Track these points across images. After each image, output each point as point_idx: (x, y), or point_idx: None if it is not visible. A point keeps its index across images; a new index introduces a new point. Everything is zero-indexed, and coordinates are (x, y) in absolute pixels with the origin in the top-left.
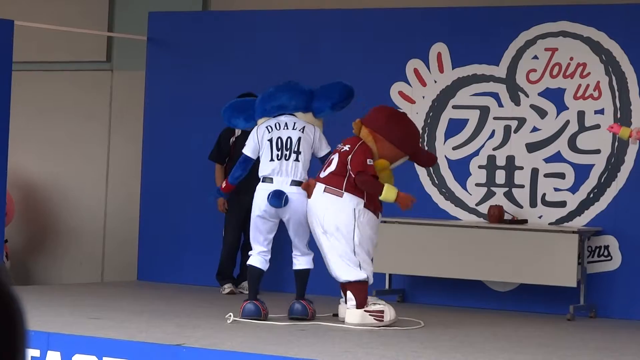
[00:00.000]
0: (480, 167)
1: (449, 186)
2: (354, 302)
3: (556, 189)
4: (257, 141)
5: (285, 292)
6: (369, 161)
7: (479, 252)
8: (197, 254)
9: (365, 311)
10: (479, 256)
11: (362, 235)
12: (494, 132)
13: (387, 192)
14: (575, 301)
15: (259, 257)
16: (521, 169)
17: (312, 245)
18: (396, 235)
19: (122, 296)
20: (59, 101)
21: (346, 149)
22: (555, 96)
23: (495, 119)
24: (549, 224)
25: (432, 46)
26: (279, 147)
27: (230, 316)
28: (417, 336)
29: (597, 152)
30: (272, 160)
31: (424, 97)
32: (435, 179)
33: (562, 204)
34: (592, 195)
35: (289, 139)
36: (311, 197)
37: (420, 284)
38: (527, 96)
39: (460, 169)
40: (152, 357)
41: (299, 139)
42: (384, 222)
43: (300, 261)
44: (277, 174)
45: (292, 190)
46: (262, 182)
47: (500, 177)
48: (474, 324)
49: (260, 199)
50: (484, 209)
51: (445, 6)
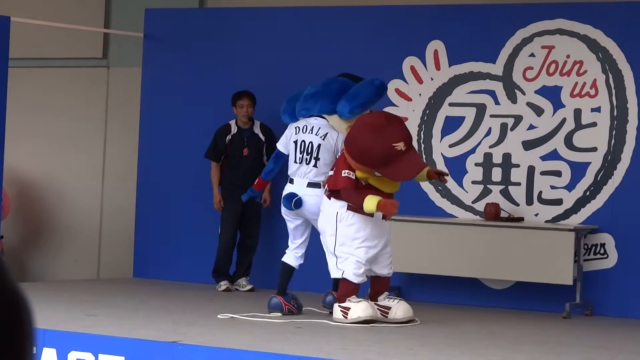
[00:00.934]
0: (476, 164)
1: (445, 184)
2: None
3: (552, 187)
4: (287, 139)
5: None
6: (344, 172)
7: (475, 250)
8: (193, 251)
9: (339, 306)
10: (475, 254)
11: (344, 236)
12: (490, 129)
13: (367, 204)
14: (571, 299)
15: (289, 254)
16: (517, 166)
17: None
18: (393, 233)
19: (118, 293)
20: (55, 98)
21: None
22: (551, 94)
23: (491, 116)
24: (545, 222)
25: (429, 43)
26: (302, 150)
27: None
28: (413, 333)
29: (594, 150)
30: (295, 162)
31: (420, 94)
32: None
33: (559, 202)
34: (588, 193)
35: (310, 144)
36: None
37: (416, 282)
38: (523, 94)
39: (456, 166)
40: (148, 354)
41: (319, 146)
42: None
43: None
44: (297, 175)
45: (307, 192)
46: (288, 182)
47: (496, 174)
48: (470, 322)
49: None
50: (480, 206)
51: (441, 4)
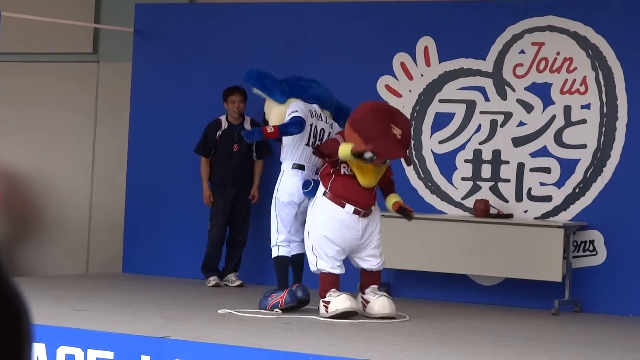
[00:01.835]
0: (466, 161)
1: (434, 180)
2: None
3: (542, 184)
4: (305, 117)
5: (266, 284)
6: (336, 137)
7: (464, 247)
8: (183, 246)
9: (322, 300)
10: (464, 250)
11: (315, 223)
12: (480, 126)
13: (342, 148)
14: (560, 296)
15: (284, 247)
16: (507, 163)
17: None
18: (381, 229)
19: (107, 288)
20: (45, 92)
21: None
22: (541, 91)
23: (481, 113)
24: (535, 219)
25: (419, 40)
26: (314, 135)
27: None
28: (402, 330)
29: (583, 146)
30: (307, 144)
31: (410, 90)
32: (421, 172)
33: (548, 199)
34: (577, 190)
35: (322, 130)
36: None
37: (405, 278)
38: (513, 90)
39: (446, 163)
40: (137, 349)
41: (329, 134)
42: None
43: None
44: (307, 161)
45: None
46: (293, 168)
47: (486, 171)
48: (459, 318)
49: (292, 185)
50: (469, 203)
51: (432, 0)
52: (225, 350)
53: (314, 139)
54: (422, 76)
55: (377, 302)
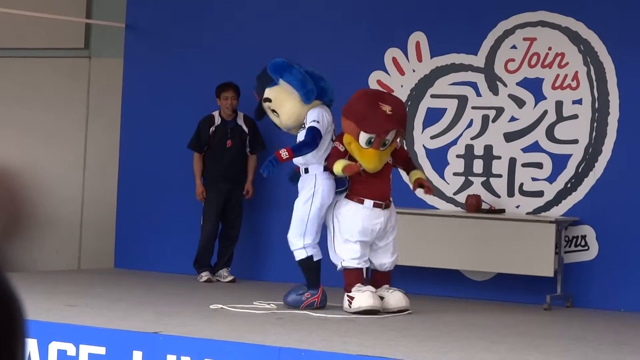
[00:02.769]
0: (458, 156)
1: (426, 175)
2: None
3: (534, 179)
4: (327, 124)
5: (259, 280)
6: (336, 144)
7: (456, 242)
8: (175, 242)
9: (347, 295)
10: (456, 246)
11: (337, 224)
12: (472, 121)
13: (336, 166)
14: (552, 291)
15: (311, 248)
16: (499, 158)
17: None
18: None
19: (99, 284)
20: (36, 88)
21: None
22: (533, 86)
23: (473, 108)
24: (527, 214)
25: (411, 35)
26: (331, 137)
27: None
28: (394, 325)
29: (575, 142)
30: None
31: (402, 86)
32: None
33: (540, 194)
34: (569, 185)
35: (334, 130)
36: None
37: (397, 273)
38: (505, 86)
39: (438, 158)
40: (130, 344)
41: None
42: None
43: None
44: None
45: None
46: (326, 171)
47: (478, 166)
48: (451, 313)
49: (330, 188)
50: (461, 198)
51: None
52: (217, 345)
53: (331, 140)
54: (413, 71)
55: (392, 297)
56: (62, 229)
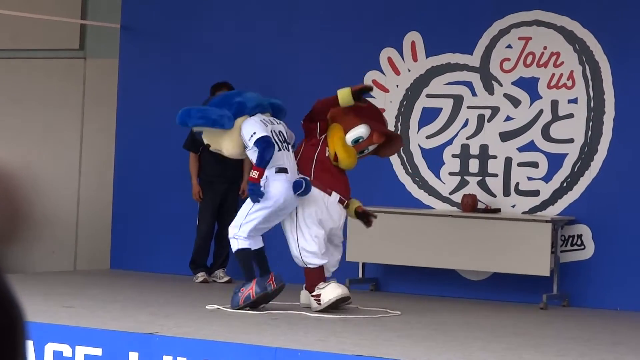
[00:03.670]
0: (453, 156)
1: (422, 175)
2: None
3: (529, 178)
4: (263, 129)
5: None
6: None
7: (452, 241)
8: (171, 242)
9: (311, 295)
10: (452, 245)
11: (301, 214)
12: (467, 121)
13: (341, 92)
14: (548, 290)
15: (258, 239)
16: (495, 158)
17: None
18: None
19: (94, 285)
20: (32, 89)
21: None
22: (528, 85)
23: (468, 107)
24: (522, 213)
25: (406, 35)
26: (279, 139)
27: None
28: (390, 325)
29: (571, 141)
30: (280, 150)
31: (397, 85)
32: (408, 167)
33: (536, 193)
34: (565, 184)
35: (280, 132)
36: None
37: (393, 273)
38: (500, 85)
39: (433, 157)
40: (125, 345)
41: (286, 130)
42: None
43: None
44: (287, 163)
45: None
46: (278, 172)
47: (473, 166)
48: (447, 313)
49: (280, 190)
50: (457, 197)
51: None
52: (213, 346)
53: (280, 142)
54: (409, 71)
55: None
56: (58, 230)
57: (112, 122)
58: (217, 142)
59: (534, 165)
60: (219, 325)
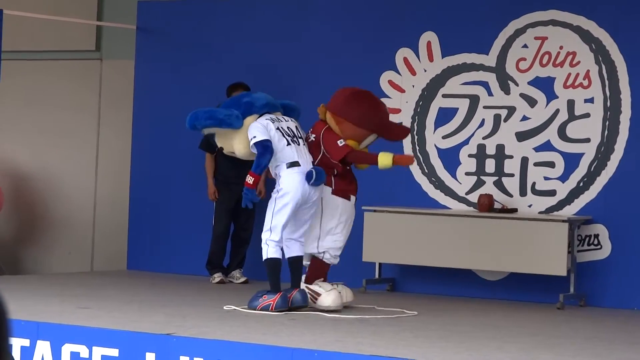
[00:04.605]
0: (470, 156)
1: (438, 175)
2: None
3: (546, 178)
4: (266, 130)
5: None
6: (340, 142)
7: (468, 241)
8: (187, 243)
9: (307, 287)
10: (468, 245)
11: (324, 220)
12: (483, 121)
13: (382, 158)
14: (565, 290)
15: (296, 244)
16: (511, 157)
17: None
18: (386, 224)
19: (111, 285)
20: (48, 90)
21: (312, 138)
22: (545, 85)
23: (485, 107)
24: (539, 213)
25: (422, 35)
26: (288, 134)
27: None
28: (407, 325)
29: (587, 140)
30: (289, 144)
31: (413, 86)
32: (425, 167)
33: (552, 193)
34: (582, 184)
35: (289, 128)
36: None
37: (410, 273)
38: (516, 85)
39: (450, 158)
40: (142, 346)
41: (296, 127)
42: (373, 211)
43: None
44: (299, 157)
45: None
46: (291, 167)
47: (490, 166)
48: (464, 313)
49: (295, 184)
50: (473, 197)
51: None
52: (230, 346)
53: (289, 136)
54: (425, 71)
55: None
56: (75, 232)
57: (128, 122)
58: (229, 144)
59: (551, 165)
60: (236, 325)
